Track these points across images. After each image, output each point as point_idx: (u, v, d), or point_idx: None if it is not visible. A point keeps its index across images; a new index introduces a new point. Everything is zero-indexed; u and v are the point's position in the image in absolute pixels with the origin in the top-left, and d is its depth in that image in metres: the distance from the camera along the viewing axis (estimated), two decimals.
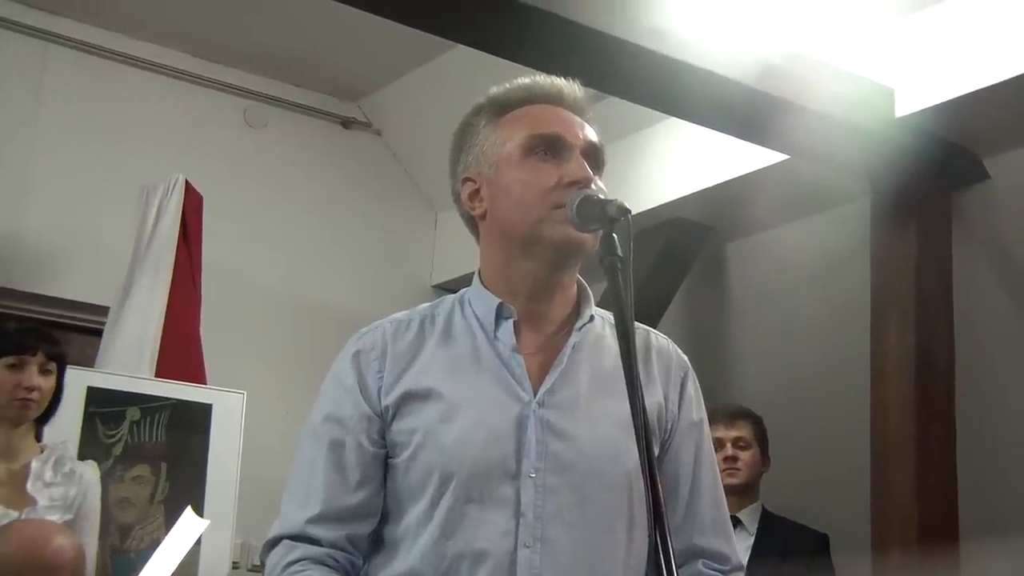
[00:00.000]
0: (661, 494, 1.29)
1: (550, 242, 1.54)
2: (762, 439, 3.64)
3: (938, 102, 3.64)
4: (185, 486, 3.78)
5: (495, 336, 1.58)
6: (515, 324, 1.58)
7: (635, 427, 1.31)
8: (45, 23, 4.78)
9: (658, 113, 4.02)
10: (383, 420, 1.56)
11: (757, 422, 3.67)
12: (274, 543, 1.57)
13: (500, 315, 1.59)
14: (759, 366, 4.65)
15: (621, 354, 1.36)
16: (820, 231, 4.43)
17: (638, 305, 1.42)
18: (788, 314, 4.55)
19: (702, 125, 3.88)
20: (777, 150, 3.95)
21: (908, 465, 3.70)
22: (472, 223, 1.65)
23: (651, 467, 1.29)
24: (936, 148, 3.84)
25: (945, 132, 3.80)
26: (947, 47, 3.64)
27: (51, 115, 4.79)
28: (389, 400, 1.56)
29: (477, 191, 1.62)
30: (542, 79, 1.66)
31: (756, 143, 3.88)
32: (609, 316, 1.64)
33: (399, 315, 1.66)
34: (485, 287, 1.62)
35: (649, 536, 1.27)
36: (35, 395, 3.19)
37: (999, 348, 3.92)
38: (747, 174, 4.23)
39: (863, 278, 3.99)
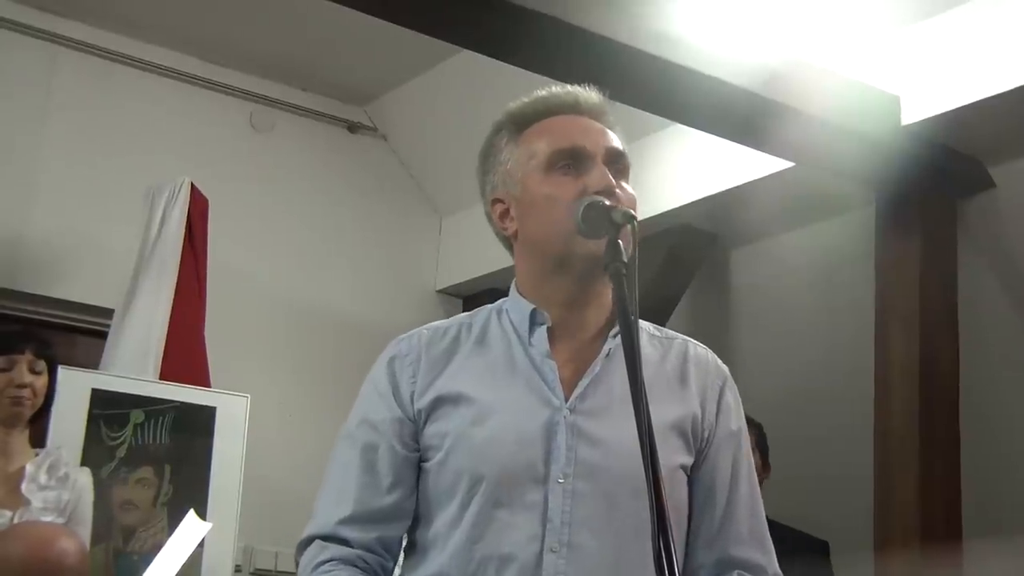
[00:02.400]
0: (665, 501, 1.28)
1: (582, 257, 1.54)
2: (762, 446, 3.64)
3: (944, 110, 3.64)
4: (188, 489, 3.78)
5: (529, 342, 1.59)
6: (550, 331, 1.59)
7: (639, 434, 1.31)
8: (53, 26, 4.80)
9: (663, 119, 4.02)
10: (416, 424, 1.58)
11: (757, 429, 3.66)
12: (307, 543, 1.59)
13: (534, 321, 1.59)
14: (763, 372, 4.64)
15: (625, 359, 1.36)
16: (824, 239, 4.43)
17: (642, 311, 1.42)
18: (792, 321, 4.55)
19: (707, 131, 3.88)
20: (782, 157, 3.95)
21: (912, 472, 3.70)
22: (506, 242, 1.66)
23: (655, 475, 1.29)
24: (941, 156, 3.84)
25: (951, 140, 3.80)
26: (953, 56, 3.64)
27: (58, 117, 4.80)
28: (422, 404, 1.57)
29: (507, 210, 1.62)
30: (558, 89, 1.65)
31: (761, 150, 3.88)
32: (645, 325, 1.66)
33: (438, 323, 1.68)
34: (521, 296, 1.63)
35: (652, 545, 1.26)
36: (27, 392, 3.17)
37: (1004, 357, 3.92)
38: (752, 181, 4.23)
39: (867, 286, 3.99)
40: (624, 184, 1.59)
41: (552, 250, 1.57)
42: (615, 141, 1.62)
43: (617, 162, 1.60)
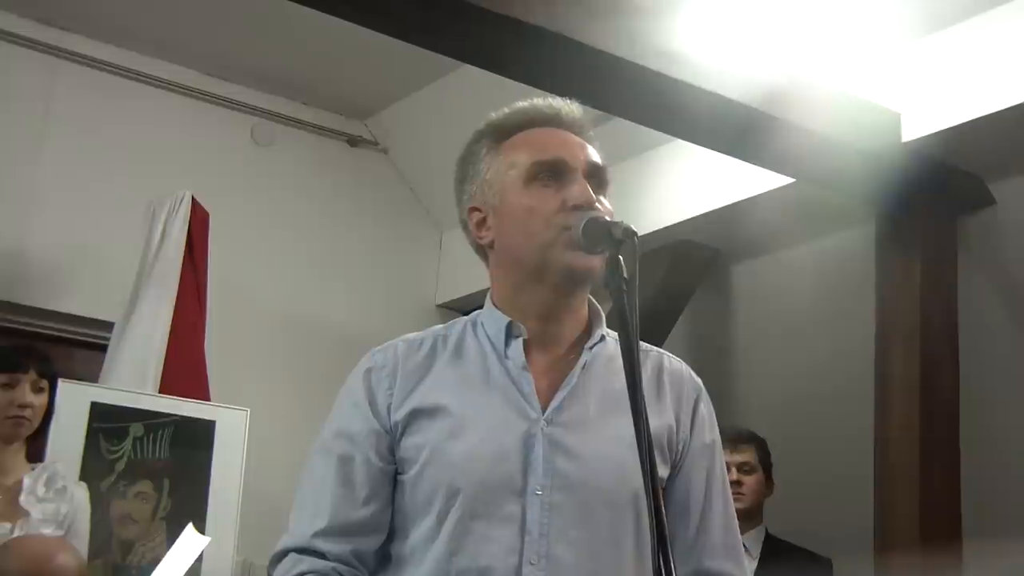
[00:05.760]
0: (664, 517, 1.28)
1: (559, 269, 1.55)
2: (766, 463, 3.64)
3: (944, 127, 3.65)
4: (187, 503, 3.77)
5: (505, 354, 1.59)
6: (526, 343, 1.59)
7: (639, 449, 1.31)
8: (55, 39, 4.80)
9: (664, 135, 4.02)
10: (392, 436, 1.57)
11: (762, 446, 3.66)
12: (281, 556, 1.59)
13: (510, 333, 1.60)
14: (763, 388, 4.64)
15: (626, 375, 1.36)
16: (825, 254, 4.43)
17: (643, 326, 1.42)
18: (792, 337, 4.55)
19: (707, 147, 3.88)
20: (782, 173, 3.95)
21: (912, 490, 3.69)
22: (481, 251, 1.66)
23: (654, 489, 1.29)
24: (942, 173, 3.84)
25: (951, 157, 3.80)
26: (954, 73, 3.65)
27: (59, 130, 4.81)
28: (398, 416, 1.57)
29: (484, 220, 1.62)
30: (539, 101, 1.66)
31: (762, 166, 3.88)
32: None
33: (412, 335, 1.68)
34: (496, 308, 1.62)
35: (652, 558, 1.26)
36: (28, 412, 3.19)
37: (1004, 374, 3.91)
38: (752, 197, 4.24)
39: (867, 301, 3.99)
40: (602, 199, 1.59)
41: (529, 260, 1.57)
42: (595, 156, 1.62)
43: (597, 176, 1.60)
